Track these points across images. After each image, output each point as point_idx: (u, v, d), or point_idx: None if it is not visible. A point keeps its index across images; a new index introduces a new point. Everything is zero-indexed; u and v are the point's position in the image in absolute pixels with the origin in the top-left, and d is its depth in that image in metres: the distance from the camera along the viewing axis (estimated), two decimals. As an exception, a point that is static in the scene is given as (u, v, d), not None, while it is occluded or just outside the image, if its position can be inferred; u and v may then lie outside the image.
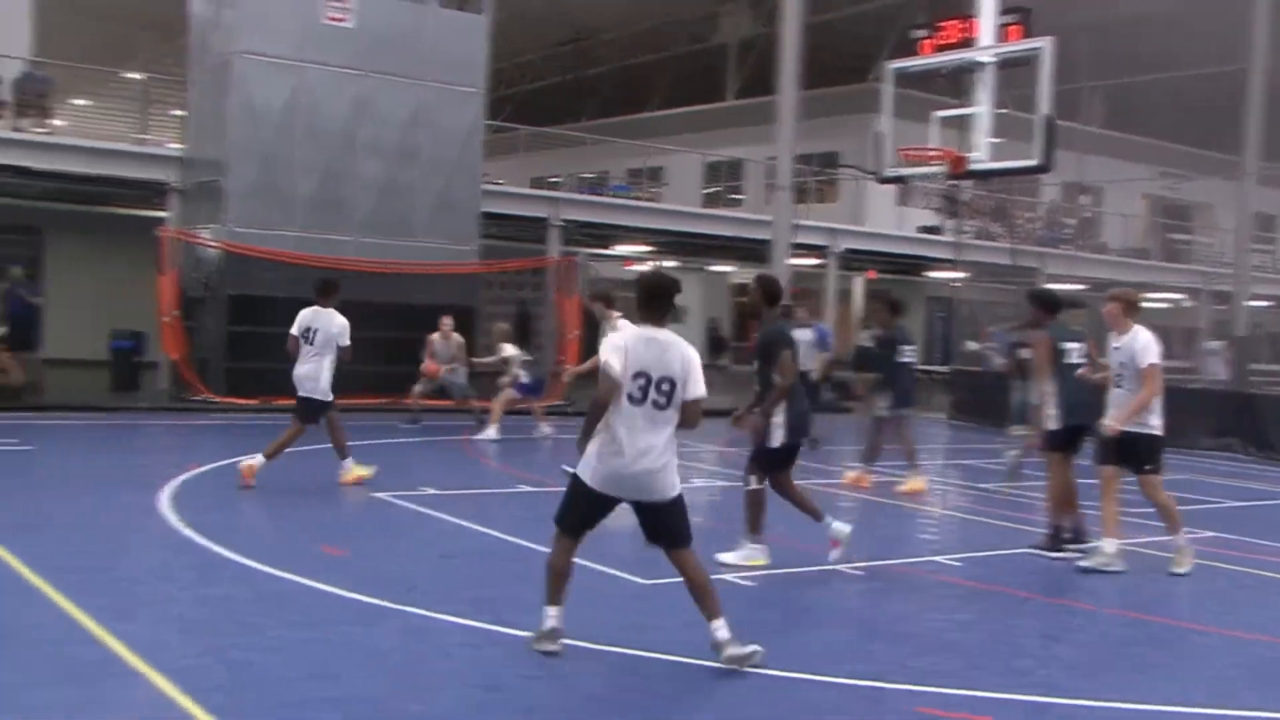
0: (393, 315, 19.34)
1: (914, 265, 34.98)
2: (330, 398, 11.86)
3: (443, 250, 21.65)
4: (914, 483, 13.57)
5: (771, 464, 9.16)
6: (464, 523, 10.34)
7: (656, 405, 6.34)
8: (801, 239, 26.83)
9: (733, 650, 6.32)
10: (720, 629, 6.36)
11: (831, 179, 35.71)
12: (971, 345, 28.08)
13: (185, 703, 5.50)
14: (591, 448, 6.42)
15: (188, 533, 9.36)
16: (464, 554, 9.32)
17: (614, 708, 5.81)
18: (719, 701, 5.98)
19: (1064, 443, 10.00)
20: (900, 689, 6.27)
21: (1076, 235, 38.34)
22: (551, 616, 6.45)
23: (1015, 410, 17.59)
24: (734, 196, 38.85)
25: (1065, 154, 25.10)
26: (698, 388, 6.41)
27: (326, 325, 11.80)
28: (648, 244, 31.41)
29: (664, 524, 6.48)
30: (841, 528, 9.25)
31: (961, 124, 18.20)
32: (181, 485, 11.37)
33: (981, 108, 17.33)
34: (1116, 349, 9.51)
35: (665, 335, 6.47)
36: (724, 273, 37.22)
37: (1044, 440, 10.36)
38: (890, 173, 19.26)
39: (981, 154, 17.54)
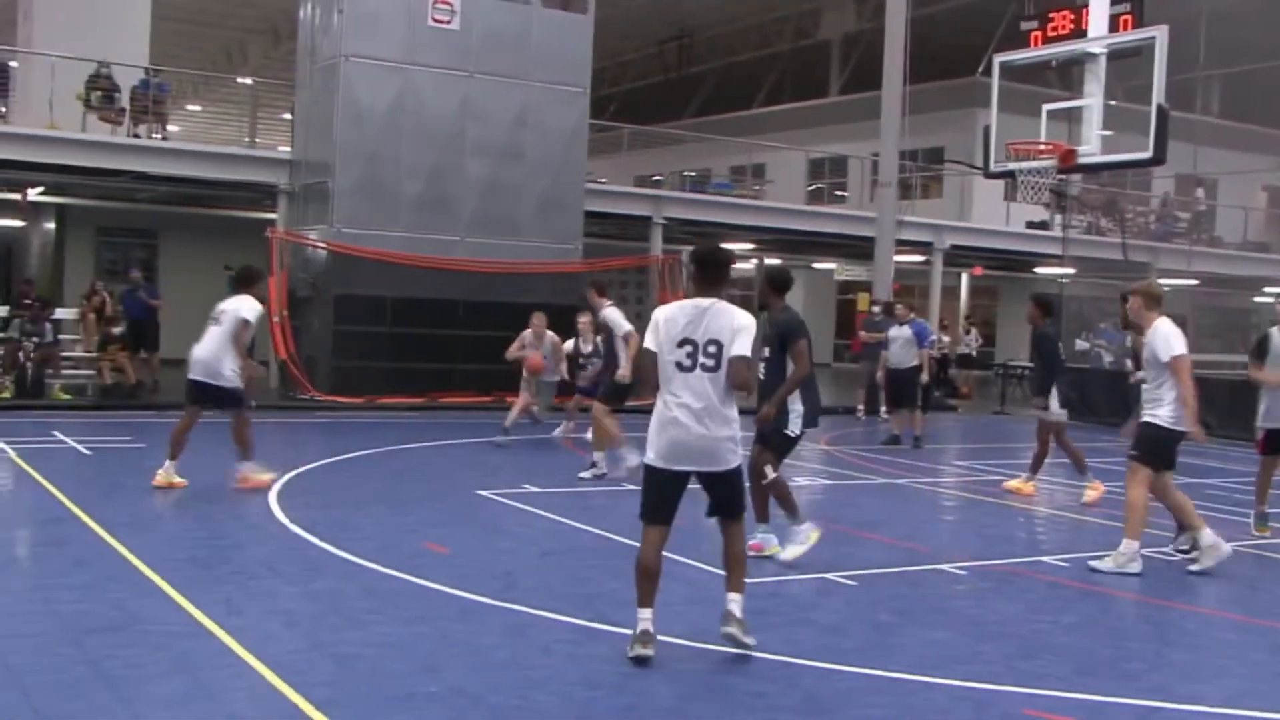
0: (498, 314, 19.44)
1: (1021, 261, 34.41)
2: (238, 385, 11.27)
3: (547, 249, 21.77)
4: (1025, 484, 13.26)
5: (784, 450, 9.03)
6: (566, 520, 10.37)
7: (706, 369, 6.36)
8: (906, 235, 26.57)
9: (735, 630, 6.43)
10: (735, 604, 6.49)
11: (937, 174, 35.32)
12: (1081, 343, 27.55)
13: (291, 695, 5.59)
14: (650, 426, 6.49)
15: (296, 529, 9.51)
16: (565, 551, 9.34)
17: (716, 707, 5.77)
18: (824, 702, 5.91)
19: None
20: (1008, 691, 6.16)
21: (1190, 229, 37.37)
22: (644, 619, 6.37)
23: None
24: (838, 193, 38.54)
25: (1179, 145, 24.46)
26: (742, 347, 6.36)
27: (235, 307, 11.33)
28: (751, 241, 31.31)
29: (722, 494, 6.57)
30: (770, 540, 9.05)
31: (1071, 117, 17.91)
32: (289, 482, 11.56)
33: (1092, 100, 17.05)
34: (1146, 344, 9.31)
35: (713, 303, 6.46)
36: (828, 270, 37.01)
37: None
38: (998, 167, 18.99)
39: (1092, 147, 17.24)
